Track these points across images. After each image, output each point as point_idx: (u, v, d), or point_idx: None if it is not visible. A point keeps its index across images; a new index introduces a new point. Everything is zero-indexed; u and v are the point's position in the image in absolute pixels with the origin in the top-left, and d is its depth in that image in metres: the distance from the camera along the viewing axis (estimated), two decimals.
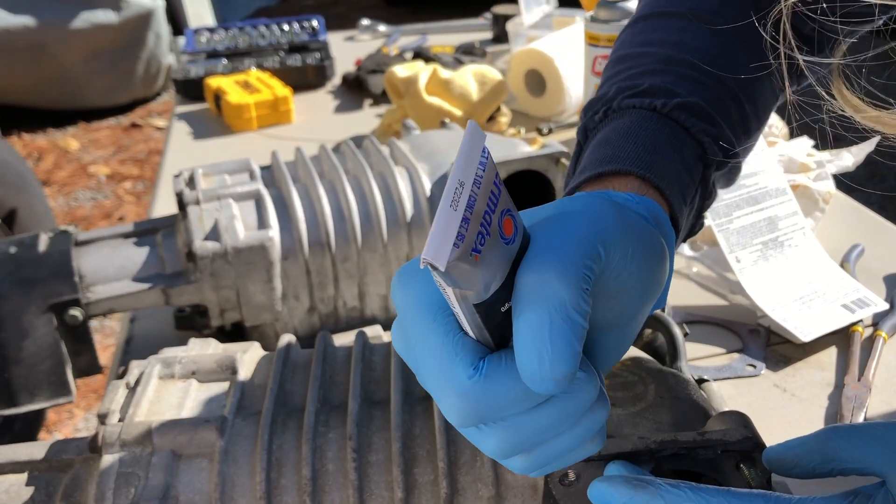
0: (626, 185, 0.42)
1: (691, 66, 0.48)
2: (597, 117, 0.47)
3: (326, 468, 0.45)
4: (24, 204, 1.67)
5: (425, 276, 0.32)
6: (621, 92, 0.47)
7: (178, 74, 1.45)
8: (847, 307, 0.74)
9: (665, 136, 0.45)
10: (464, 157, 0.30)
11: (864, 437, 0.38)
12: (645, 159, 0.43)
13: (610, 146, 0.44)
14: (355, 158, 0.80)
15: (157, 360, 0.52)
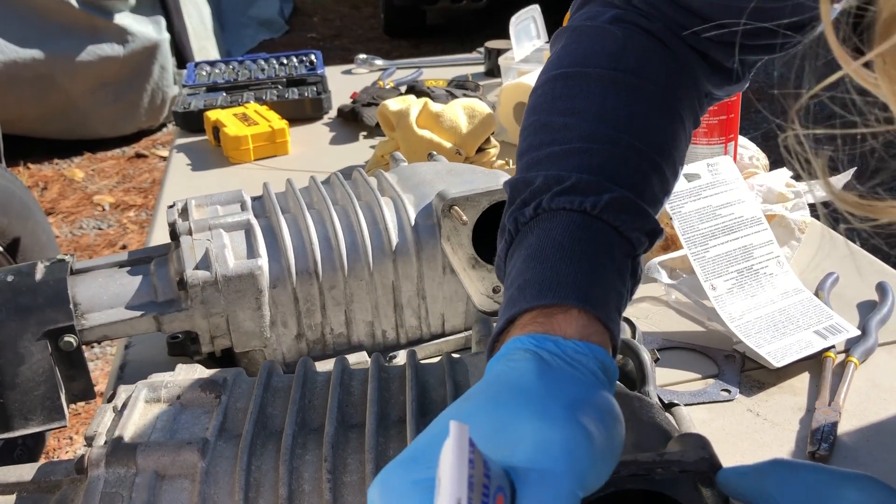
0: (571, 323, 0.42)
1: (613, 143, 0.49)
2: (527, 212, 0.47)
3: (303, 488, 0.47)
4: (27, 233, 1.70)
5: (408, 499, 0.34)
6: (549, 185, 0.47)
7: (179, 107, 1.48)
8: (820, 333, 0.76)
9: (597, 245, 0.46)
10: (455, 469, 0.30)
11: (797, 483, 0.39)
12: (584, 287, 0.43)
13: (547, 265, 0.44)
14: (343, 189, 0.82)
15: (143, 384, 0.54)
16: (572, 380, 0.39)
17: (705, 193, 0.83)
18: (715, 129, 0.99)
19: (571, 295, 0.42)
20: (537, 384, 0.38)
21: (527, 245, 0.46)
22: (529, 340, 0.40)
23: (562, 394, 0.38)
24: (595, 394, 0.39)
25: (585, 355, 0.40)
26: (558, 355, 0.40)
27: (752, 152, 1.06)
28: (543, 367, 0.39)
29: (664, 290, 0.87)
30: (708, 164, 0.85)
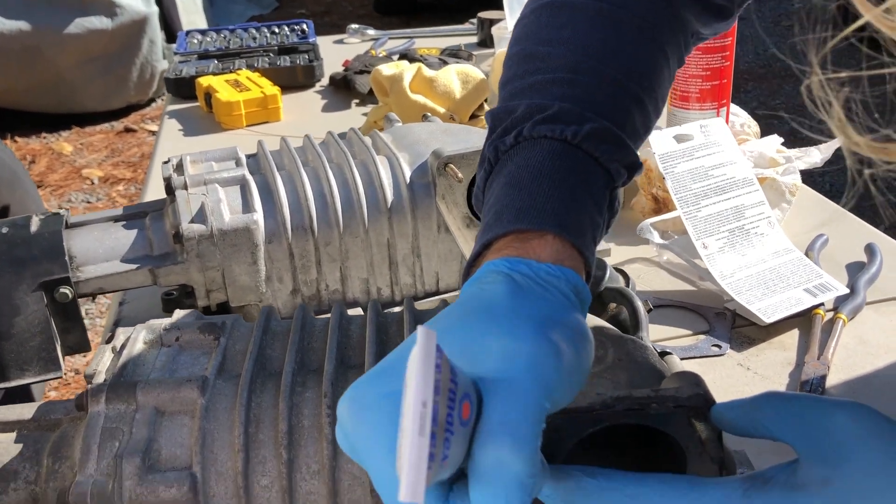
0: (546, 248, 0.42)
1: (597, 75, 0.49)
2: (508, 140, 0.47)
3: (302, 424, 0.48)
4: (16, 201, 1.69)
5: (378, 412, 0.34)
6: (531, 114, 0.47)
7: (170, 74, 1.48)
8: (809, 291, 0.77)
9: (577, 174, 0.46)
10: (421, 373, 0.30)
11: (789, 412, 0.40)
12: (561, 213, 0.43)
13: (525, 192, 0.44)
14: (338, 148, 0.82)
15: (142, 326, 0.55)
16: (543, 300, 0.39)
17: (698, 154, 0.83)
18: (707, 95, 0.99)
19: (548, 221, 0.43)
20: (507, 302, 0.38)
21: (506, 173, 0.46)
22: (503, 263, 0.40)
23: (531, 311, 0.38)
24: (565, 314, 0.39)
25: (558, 277, 0.40)
26: (530, 277, 0.40)
27: (743, 119, 1.07)
28: (514, 288, 0.39)
29: (656, 252, 0.87)
30: (701, 126, 0.85)
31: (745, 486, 0.38)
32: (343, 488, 0.46)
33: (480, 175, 0.49)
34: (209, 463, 0.47)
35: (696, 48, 0.98)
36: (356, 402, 0.35)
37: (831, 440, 0.37)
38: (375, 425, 0.34)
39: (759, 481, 0.38)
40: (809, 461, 0.38)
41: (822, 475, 0.37)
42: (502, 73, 0.53)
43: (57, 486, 0.48)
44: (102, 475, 0.46)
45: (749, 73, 3.70)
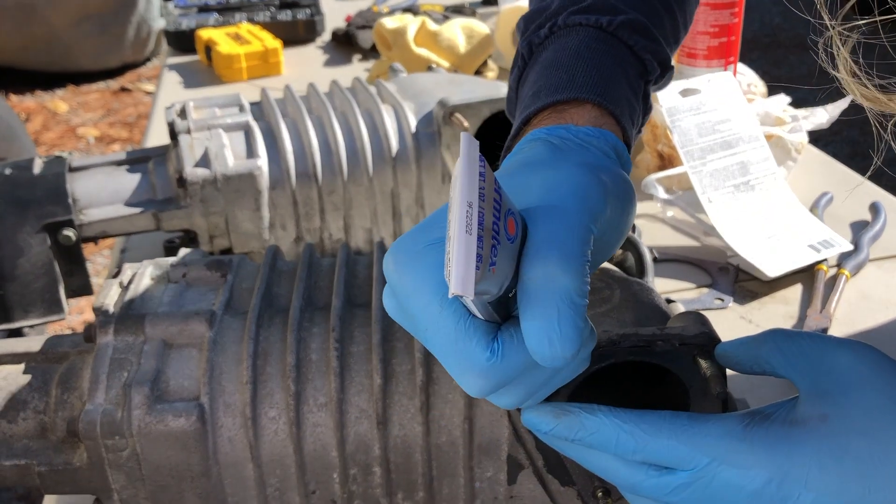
0: (584, 115, 0.43)
1: None
2: (542, 32, 0.48)
3: (310, 357, 0.48)
4: (13, 154, 1.68)
5: (423, 260, 0.34)
6: (564, 6, 0.48)
7: (170, 26, 1.46)
8: (813, 247, 0.77)
9: (612, 57, 0.46)
10: (465, 176, 0.30)
11: (792, 348, 0.40)
12: (599, 86, 0.44)
13: (562, 70, 0.45)
14: (343, 96, 0.82)
15: (149, 262, 0.54)
16: (584, 153, 0.39)
17: (704, 108, 0.83)
18: (715, 52, 0.98)
19: (585, 90, 0.43)
20: (548, 156, 0.39)
21: (542, 60, 0.47)
22: (541, 132, 0.41)
23: (570, 157, 0.39)
24: (608, 163, 0.39)
25: (598, 138, 0.41)
26: (569, 140, 0.40)
27: (750, 79, 1.06)
28: (554, 149, 0.39)
29: (661, 207, 0.87)
30: (708, 80, 0.85)
31: (745, 422, 0.39)
32: (349, 421, 0.47)
33: (513, 75, 0.49)
34: (217, 394, 0.47)
35: (705, 3, 0.97)
36: (401, 252, 0.34)
37: (833, 377, 0.38)
38: (422, 270, 0.33)
39: (759, 417, 0.39)
40: (810, 397, 0.38)
41: (822, 411, 0.37)
42: None
43: (66, 416, 0.48)
44: (111, 404, 0.46)
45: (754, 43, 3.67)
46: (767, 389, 0.64)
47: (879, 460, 0.35)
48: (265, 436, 0.47)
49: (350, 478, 0.48)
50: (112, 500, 0.47)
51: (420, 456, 0.47)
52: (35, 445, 0.48)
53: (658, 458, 0.38)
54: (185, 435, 0.46)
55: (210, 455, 0.47)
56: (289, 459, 0.47)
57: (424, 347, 0.48)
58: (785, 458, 0.36)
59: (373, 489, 0.48)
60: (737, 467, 0.37)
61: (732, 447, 0.37)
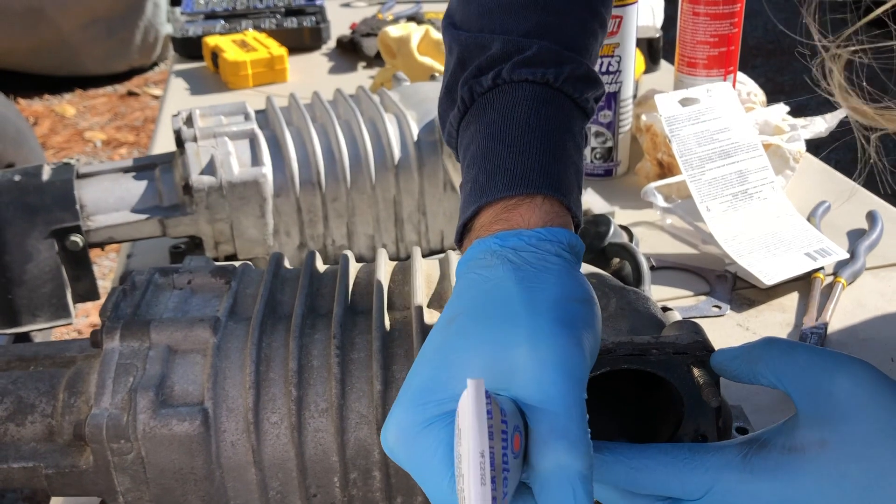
0: (534, 211, 0.42)
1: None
2: (485, 81, 0.46)
3: (312, 364, 0.49)
4: (21, 159, 1.70)
5: (425, 440, 0.36)
6: (509, 54, 0.46)
7: (177, 33, 1.48)
8: (810, 255, 0.78)
9: (559, 120, 0.45)
10: (475, 425, 0.32)
11: (790, 365, 0.40)
12: (549, 171, 0.43)
13: (513, 150, 0.44)
14: (346, 105, 0.83)
15: (155, 269, 0.56)
16: (544, 275, 0.40)
17: (703, 118, 0.84)
18: (715, 61, 0.99)
19: (535, 183, 0.43)
20: (515, 295, 0.39)
21: (487, 121, 0.45)
22: (495, 242, 0.41)
23: (540, 300, 0.38)
24: (569, 283, 0.40)
25: (550, 241, 0.41)
26: (524, 250, 0.40)
27: (750, 88, 1.07)
28: (514, 271, 0.39)
29: (660, 215, 0.88)
30: (707, 90, 0.86)
31: (743, 451, 0.39)
32: (350, 426, 0.48)
33: (453, 114, 0.48)
34: (221, 399, 0.48)
35: (705, 14, 0.98)
36: (402, 432, 0.37)
37: (832, 402, 0.38)
38: (427, 453, 0.36)
39: (757, 445, 0.39)
40: (808, 421, 0.38)
41: (820, 437, 0.38)
42: None
43: (72, 419, 0.49)
44: (117, 408, 0.47)
45: (757, 49, 3.68)
46: (764, 395, 0.64)
47: (878, 486, 0.36)
48: (267, 440, 0.48)
49: (350, 482, 0.49)
50: (117, 502, 0.49)
51: None
52: (42, 448, 0.49)
53: (665, 490, 0.40)
54: (189, 439, 0.47)
55: (213, 459, 0.48)
56: (290, 463, 0.48)
57: None
58: (786, 486, 0.37)
59: (373, 493, 0.49)
60: (740, 496, 0.38)
61: (734, 477, 0.39)
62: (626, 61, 0.95)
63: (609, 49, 0.94)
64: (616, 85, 0.96)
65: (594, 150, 0.99)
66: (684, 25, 0.99)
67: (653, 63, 1.33)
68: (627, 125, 1.00)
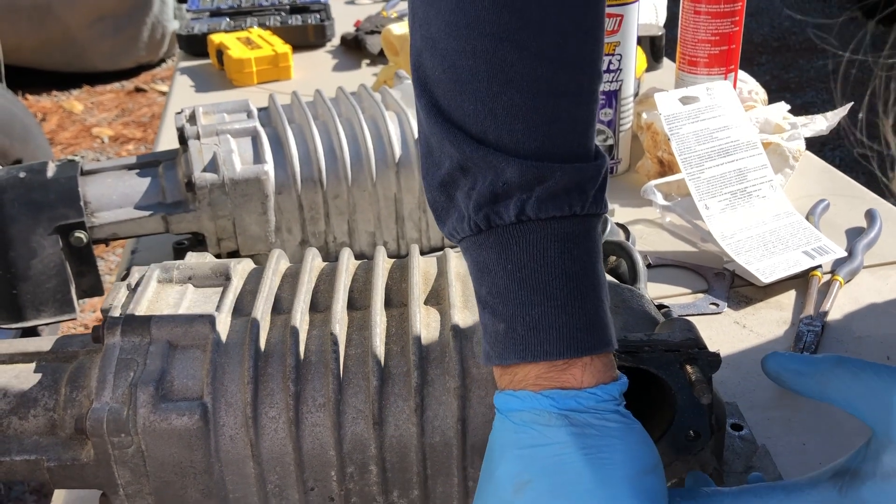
0: (584, 370, 0.41)
1: (579, 90, 0.42)
2: (505, 214, 0.41)
3: (309, 360, 0.50)
4: (28, 155, 1.71)
5: None
6: (529, 184, 0.40)
7: (182, 30, 1.48)
8: (808, 254, 0.78)
9: (590, 249, 0.42)
10: None
11: (857, 385, 0.40)
12: (596, 324, 0.42)
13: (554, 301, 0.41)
14: (348, 103, 0.84)
15: (156, 266, 0.56)
16: (610, 443, 0.40)
17: (703, 116, 0.84)
18: (716, 60, 1.00)
19: (586, 344, 0.41)
20: (588, 472, 0.39)
21: (515, 262, 0.41)
22: (550, 404, 0.40)
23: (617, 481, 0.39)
24: (636, 450, 0.40)
25: (606, 401, 0.41)
26: (582, 411, 0.40)
27: (751, 86, 1.08)
28: (580, 441, 0.40)
29: (659, 213, 0.89)
30: (707, 88, 0.86)
31: (837, 485, 0.40)
32: (347, 420, 0.48)
33: (459, 225, 0.43)
34: (220, 394, 0.49)
35: (706, 13, 0.98)
36: None
37: None
38: None
39: (849, 476, 0.40)
40: (892, 445, 0.39)
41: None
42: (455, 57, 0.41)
43: (74, 413, 0.50)
44: (118, 403, 0.48)
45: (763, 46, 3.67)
46: (759, 393, 0.65)
47: None
48: (265, 434, 0.49)
49: (347, 476, 0.50)
50: (118, 495, 0.49)
51: (415, 455, 0.49)
52: (45, 441, 0.50)
53: None
54: (188, 433, 0.48)
55: (212, 452, 0.48)
56: (288, 457, 0.49)
57: (419, 351, 0.50)
58: None
59: (369, 487, 0.50)
60: None
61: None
62: (627, 60, 0.96)
63: (610, 48, 0.94)
64: (616, 83, 0.96)
65: None
66: (685, 24, 1.00)
67: (655, 61, 1.33)
68: (628, 123, 1.00)
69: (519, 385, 0.42)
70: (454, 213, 0.43)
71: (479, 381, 0.49)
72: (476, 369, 0.49)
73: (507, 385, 0.42)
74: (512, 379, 0.42)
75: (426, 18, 0.42)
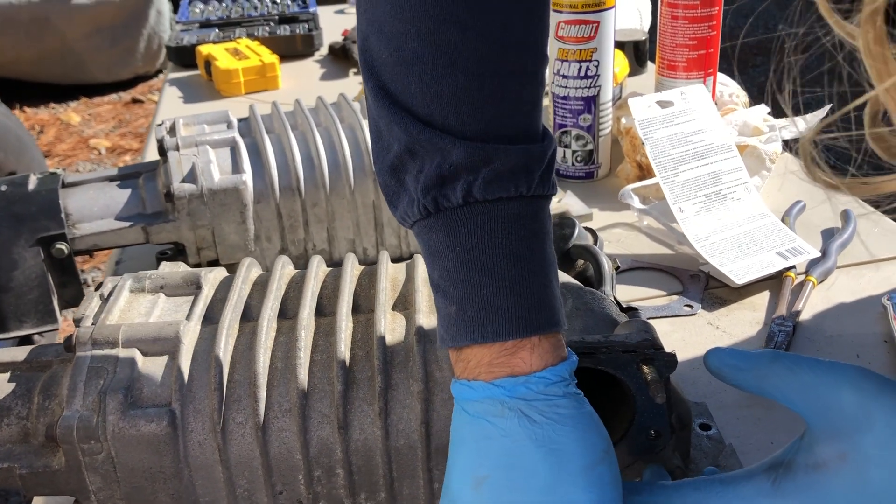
0: (532, 352, 0.42)
1: (522, 69, 0.43)
2: (452, 196, 0.41)
3: (276, 366, 0.51)
4: (23, 167, 1.73)
5: None
6: (475, 165, 0.41)
7: (172, 42, 1.50)
8: (782, 254, 0.79)
9: (538, 229, 0.43)
10: None
11: (793, 379, 0.41)
12: (545, 304, 0.42)
13: (502, 283, 0.41)
14: (326, 112, 0.85)
15: (129, 276, 0.57)
16: (561, 430, 0.41)
17: (677, 120, 0.85)
18: (694, 64, 1.01)
19: (534, 324, 0.41)
20: (542, 464, 0.40)
21: (464, 244, 0.42)
22: (502, 392, 0.41)
23: (569, 474, 0.40)
24: (587, 437, 0.41)
25: (556, 383, 0.41)
26: (533, 399, 0.41)
27: (731, 89, 1.08)
28: (534, 431, 0.40)
29: (636, 217, 0.90)
30: (681, 92, 0.87)
31: (771, 477, 0.41)
32: (313, 425, 0.49)
33: (410, 209, 0.43)
34: (188, 401, 0.50)
35: (684, 17, 0.99)
36: None
37: (842, 414, 0.39)
38: None
39: (783, 468, 0.41)
40: (823, 436, 0.40)
41: (839, 450, 0.39)
42: (396, 37, 0.41)
43: (46, 421, 0.51)
44: (87, 410, 0.49)
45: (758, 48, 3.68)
46: (729, 393, 0.66)
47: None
48: (233, 440, 0.49)
49: (315, 479, 0.50)
50: (90, 500, 0.50)
51: (380, 458, 0.50)
52: (17, 449, 0.51)
53: None
54: (157, 439, 0.49)
55: (181, 458, 0.49)
56: (256, 462, 0.50)
57: (383, 355, 0.50)
58: (817, 503, 0.39)
59: (337, 490, 0.51)
60: None
61: (768, 503, 0.41)
62: (605, 65, 0.97)
63: (587, 54, 0.95)
64: (595, 89, 0.97)
65: (575, 154, 1.01)
66: (663, 29, 1.01)
67: (639, 66, 1.34)
68: (608, 128, 1.01)
69: (472, 373, 0.42)
70: (405, 197, 0.44)
71: (443, 384, 0.50)
72: (439, 373, 0.50)
73: (462, 373, 0.43)
74: (466, 367, 0.43)
75: (372, 1, 0.42)
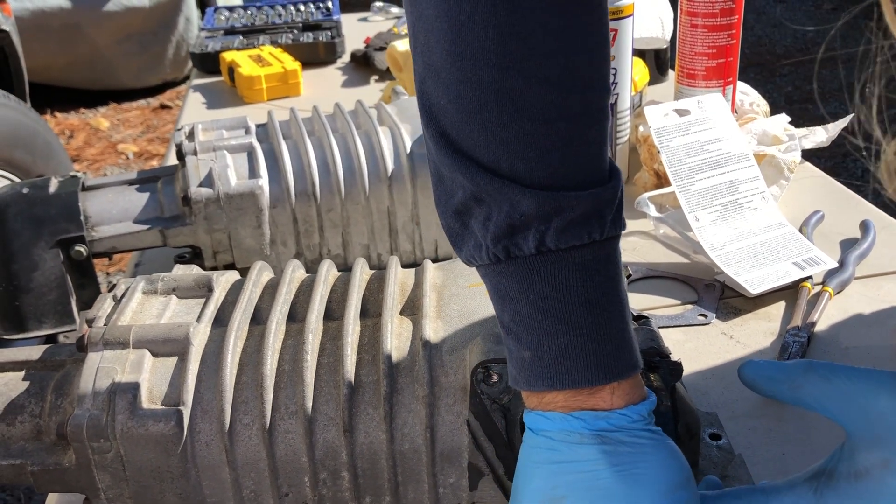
0: (615, 394, 0.42)
1: (587, 110, 0.42)
2: (524, 246, 0.41)
3: (283, 368, 0.51)
4: (50, 171, 1.76)
5: None
6: (547, 215, 0.40)
7: (196, 49, 1.52)
8: (798, 265, 0.78)
9: (612, 273, 0.42)
10: None
11: (829, 388, 0.41)
12: (622, 348, 0.42)
13: (580, 331, 0.41)
14: (343, 118, 0.86)
15: (142, 278, 0.58)
16: (641, 458, 0.40)
17: (694, 129, 0.85)
18: (713, 73, 1.00)
19: (613, 371, 0.41)
20: (621, 490, 0.40)
21: (538, 291, 0.41)
22: (581, 425, 0.41)
23: (647, 498, 0.40)
24: (667, 465, 0.41)
25: (636, 421, 0.41)
26: (613, 431, 0.41)
27: (752, 98, 1.08)
28: (612, 459, 0.40)
29: (653, 225, 0.89)
30: (698, 101, 0.87)
31: (813, 486, 0.41)
32: (318, 428, 0.50)
33: (477, 253, 0.42)
34: (196, 402, 0.50)
35: (703, 25, 0.99)
36: None
37: (881, 421, 0.39)
38: None
39: (825, 477, 0.41)
40: (864, 444, 0.40)
41: (881, 457, 0.39)
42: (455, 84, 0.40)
43: (58, 420, 0.52)
44: (98, 409, 0.49)
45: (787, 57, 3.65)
46: (742, 403, 0.65)
47: None
48: (240, 441, 0.50)
49: (320, 482, 0.51)
50: (99, 498, 0.51)
51: (385, 462, 0.50)
52: (30, 447, 0.52)
53: None
54: (165, 439, 0.49)
55: (188, 458, 0.50)
56: (262, 463, 0.50)
57: (389, 360, 0.51)
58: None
59: (342, 492, 0.51)
60: None
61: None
62: (623, 73, 0.97)
63: None
64: (612, 97, 0.97)
65: None
66: (683, 37, 1.00)
67: (660, 74, 1.34)
68: (625, 136, 1.01)
69: (548, 406, 0.42)
70: (470, 240, 0.43)
71: (448, 389, 0.50)
72: (444, 378, 0.50)
73: (536, 405, 0.43)
74: (540, 401, 0.42)
75: (427, 46, 0.40)
